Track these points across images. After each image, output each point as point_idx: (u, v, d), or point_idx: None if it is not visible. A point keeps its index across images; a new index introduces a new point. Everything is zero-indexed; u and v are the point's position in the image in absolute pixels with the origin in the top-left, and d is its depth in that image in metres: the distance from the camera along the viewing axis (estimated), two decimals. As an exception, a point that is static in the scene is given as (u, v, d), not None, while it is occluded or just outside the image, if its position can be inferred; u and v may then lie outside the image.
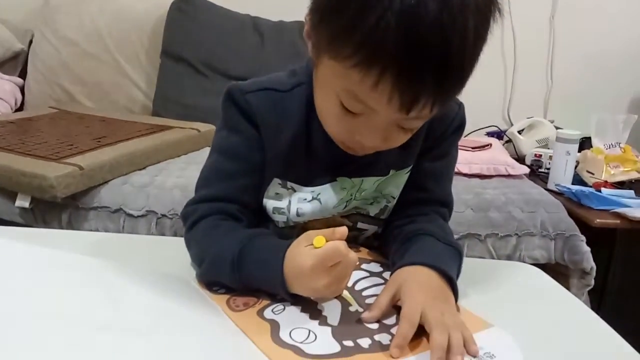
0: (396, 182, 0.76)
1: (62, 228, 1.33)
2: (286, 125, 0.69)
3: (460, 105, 0.75)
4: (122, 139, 1.52)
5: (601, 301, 1.49)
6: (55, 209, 1.32)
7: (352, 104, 0.58)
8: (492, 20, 0.55)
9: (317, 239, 0.57)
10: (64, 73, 2.04)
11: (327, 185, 0.73)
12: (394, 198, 0.77)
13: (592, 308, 0.73)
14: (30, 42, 2.11)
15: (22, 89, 2.08)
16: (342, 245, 0.56)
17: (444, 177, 0.78)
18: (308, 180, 0.73)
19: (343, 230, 0.57)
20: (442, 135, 0.74)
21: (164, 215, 1.32)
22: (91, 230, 1.32)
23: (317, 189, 0.73)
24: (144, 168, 1.46)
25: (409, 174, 0.76)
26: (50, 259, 0.72)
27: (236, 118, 0.69)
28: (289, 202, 0.73)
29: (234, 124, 0.70)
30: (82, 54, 2.03)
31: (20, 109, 2.06)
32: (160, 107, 1.95)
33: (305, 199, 0.73)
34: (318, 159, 0.71)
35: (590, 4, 2.14)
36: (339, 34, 0.54)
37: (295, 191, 0.73)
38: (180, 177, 1.41)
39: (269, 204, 0.74)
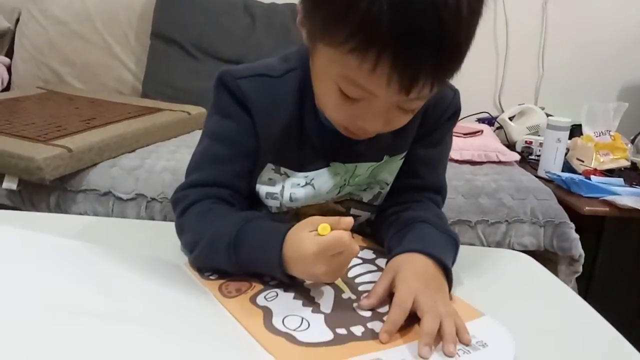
0: (390, 168, 0.75)
1: (50, 210, 1.32)
2: (279, 111, 0.68)
3: (456, 92, 0.74)
4: (112, 121, 1.51)
5: (588, 288, 1.50)
6: (43, 191, 1.30)
7: (351, 90, 0.58)
8: None
9: (322, 226, 0.56)
10: (51, 53, 2.00)
11: (321, 171, 0.72)
12: (388, 184, 0.77)
13: (579, 295, 0.74)
14: (17, 20, 2.07)
15: (9, 69, 2.04)
16: (347, 235, 0.56)
17: (438, 164, 0.78)
18: (301, 166, 0.72)
19: (349, 220, 0.57)
20: (436, 122, 0.74)
21: (153, 199, 1.31)
22: (80, 213, 1.31)
23: (310, 174, 0.72)
24: (133, 151, 1.45)
25: (402, 160, 0.75)
26: (38, 244, 0.71)
27: (228, 103, 0.68)
28: (282, 187, 0.73)
29: (226, 110, 0.69)
30: (71, 34, 1.99)
31: (7, 88, 2.02)
32: (150, 89, 1.93)
33: (299, 184, 0.73)
34: (311, 144, 0.70)
35: (583, -8, 2.14)
36: (333, 20, 0.54)
37: (288, 176, 0.73)
38: (170, 160, 1.40)
39: (262, 189, 0.73)
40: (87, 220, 0.88)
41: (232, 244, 0.62)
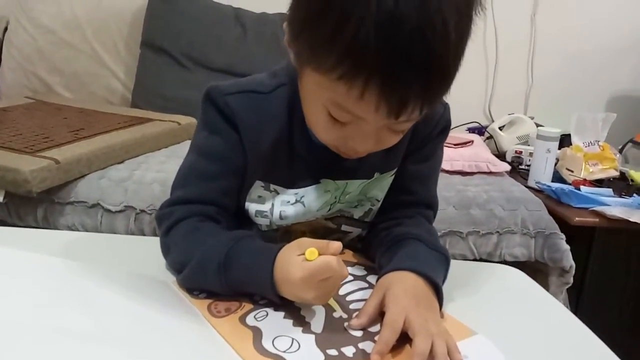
0: (381, 185, 0.75)
1: (37, 223, 1.30)
2: (268, 128, 0.68)
3: (446, 107, 0.74)
4: (100, 131, 1.49)
5: (579, 299, 1.50)
6: (30, 204, 1.29)
7: (339, 114, 0.58)
8: (474, 15, 0.54)
9: (310, 251, 0.56)
10: (40, 62, 1.98)
11: (311, 188, 0.72)
12: (379, 201, 0.76)
13: (570, 305, 0.74)
14: (5, 29, 2.05)
15: (-4, 78, 2.02)
16: (334, 260, 0.55)
17: (429, 179, 0.78)
18: (291, 183, 0.71)
19: (337, 245, 0.56)
20: (426, 138, 0.74)
21: (142, 211, 1.29)
22: (68, 226, 1.30)
23: (300, 191, 0.72)
24: (122, 162, 1.43)
25: (393, 176, 0.75)
26: (24, 262, 0.70)
27: (216, 120, 0.68)
28: (272, 205, 0.72)
29: (214, 126, 0.68)
30: (60, 42, 1.98)
31: (-6, 98, 2.00)
32: (140, 98, 1.91)
33: (289, 202, 0.72)
34: (301, 161, 0.70)
35: (572, 3, 2.16)
36: (320, 47, 0.54)
37: (278, 193, 0.72)
38: (160, 171, 1.39)
39: (252, 207, 0.73)
40: (74, 235, 0.86)
41: (222, 265, 0.61)
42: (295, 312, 0.61)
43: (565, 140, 1.78)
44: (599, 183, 1.65)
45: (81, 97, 1.97)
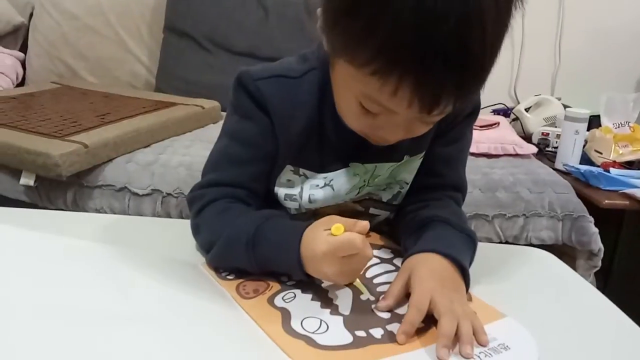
0: (409, 168, 0.75)
1: (67, 206, 1.32)
2: (298, 112, 0.68)
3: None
4: (126, 116, 1.51)
5: (607, 282, 1.48)
6: (60, 187, 1.31)
7: (371, 106, 0.57)
8: (513, 9, 0.53)
9: (336, 226, 0.56)
10: (65, 47, 2.01)
11: (340, 172, 0.71)
12: (407, 184, 0.76)
13: (598, 289, 0.73)
14: (31, 15, 2.08)
15: (23, 64, 2.05)
16: (359, 238, 0.55)
17: (458, 162, 0.77)
18: (321, 167, 0.71)
19: (364, 224, 0.56)
20: (455, 119, 0.73)
21: (169, 194, 1.31)
22: (96, 209, 1.32)
23: (329, 175, 0.72)
24: (148, 146, 1.44)
25: (422, 159, 0.74)
26: (55, 245, 0.72)
27: (247, 105, 0.68)
28: (301, 188, 0.72)
29: (246, 111, 0.68)
30: (84, 27, 1.99)
31: (21, 83, 2.03)
32: (164, 82, 1.93)
33: (318, 185, 0.72)
34: (330, 145, 0.70)
35: (601, -20, 2.10)
36: (354, 41, 0.53)
37: (307, 178, 0.72)
38: (185, 155, 1.40)
39: (281, 191, 0.73)
40: (104, 218, 0.88)
41: (250, 242, 0.62)
42: (323, 294, 0.61)
43: (593, 122, 1.74)
44: (629, 165, 1.61)
45: (106, 82, 2.00)
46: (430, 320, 0.56)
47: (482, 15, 0.49)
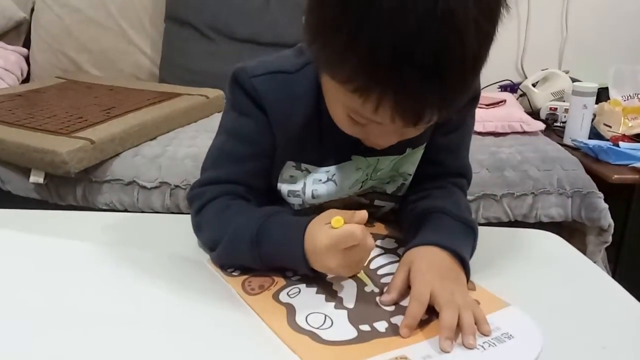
0: (412, 160, 0.74)
1: (77, 202, 1.34)
2: (296, 108, 0.68)
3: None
4: (131, 109, 1.51)
5: (618, 257, 1.48)
6: (69, 184, 1.32)
7: (359, 119, 0.58)
8: (499, 19, 0.51)
9: (335, 219, 0.56)
10: (68, 41, 2.01)
11: (342, 165, 0.71)
12: (410, 175, 0.76)
13: (609, 264, 0.72)
14: (32, 10, 2.07)
15: (27, 59, 2.06)
16: (359, 229, 0.56)
17: (459, 149, 0.77)
18: (322, 161, 0.71)
19: (363, 214, 0.57)
20: None
21: (177, 186, 1.32)
22: (106, 204, 1.33)
23: (332, 169, 0.72)
24: (154, 138, 1.45)
25: (423, 149, 0.74)
26: (63, 246, 0.73)
27: (244, 102, 0.68)
28: (304, 184, 0.73)
29: (242, 108, 0.69)
30: (86, 20, 1.99)
31: (26, 80, 2.04)
32: (167, 73, 1.93)
33: (321, 180, 0.72)
34: (331, 138, 0.69)
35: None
36: (334, 58, 0.53)
37: (310, 172, 0.72)
38: (191, 146, 1.40)
39: (284, 187, 0.73)
40: (109, 217, 0.89)
41: (254, 240, 0.62)
42: (328, 287, 0.62)
43: (602, 94, 1.71)
44: (638, 138, 1.59)
45: (110, 74, 2.00)
46: (432, 313, 0.56)
47: (461, 34, 0.48)
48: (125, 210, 1.33)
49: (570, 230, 1.39)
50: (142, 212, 1.31)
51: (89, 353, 0.51)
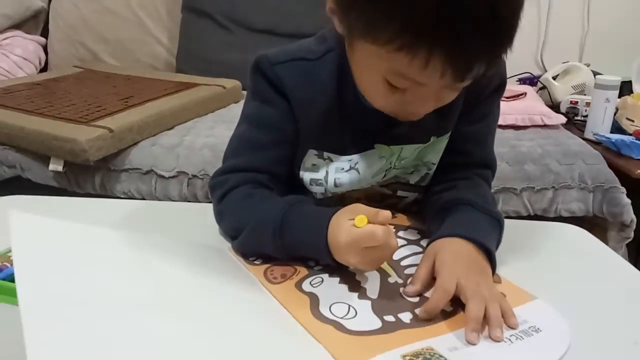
0: (436, 149, 0.73)
1: (95, 190, 1.35)
2: (318, 95, 0.67)
3: (501, 63, 0.71)
4: (149, 98, 1.52)
5: (639, 253, 1.45)
6: (88, 172, 1.33)
7: (399, 82, 0.56)
8: None
9: (359, 218, 0.56)
10: (85, 31, 2.02)
11: (365, 154, 0.71)
12: (434, 165, 0.75)
13: (630, 260, 0.70)
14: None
15: (44, 49, 2.07)
16: (381, 230, 0.55)
17: (485, 139, 0.76)
18: (345, 149, 0.71)
19: (387, 214, 0.56)
20: (479, 96, 0.71)
21: (194, 176, 1.32)
22: (124, 192, 1.34)
23: (354, 157, 0.71)
24: (172, 128, 1.46)
25: (448, 139, 0.73)
26: (84, 233, 0.72)
27: (266, 90, 0.67)
28: (326, 172, 0.72)
29: (264, 96, 0.68)
30: (103, 10, 2.00)
31: (44, 69, 2.06)
32: (184, 63, 1.93)
33: (343, 169, 0.71)
34: (354, 127, 0.69)
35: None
36: (376, 21, 0.52)
37: (332, 161, 0.71)
38: (209, 136, 1.40)
39: (306, 175, 0.72)
40: (130, 204, 0.88)
41: (277, 229, 0.62)
42: (351, 278, 0.61)
43: (624, 88, 1.68)
44: (662, 132, 1.56)
45: (127, 64, 2.01)
46: (458, 305, 0.55)
47: None
48: (143, 199, 1.33)
49: (591, 226, 1.36)
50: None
51: (113, 336, 0.51)
